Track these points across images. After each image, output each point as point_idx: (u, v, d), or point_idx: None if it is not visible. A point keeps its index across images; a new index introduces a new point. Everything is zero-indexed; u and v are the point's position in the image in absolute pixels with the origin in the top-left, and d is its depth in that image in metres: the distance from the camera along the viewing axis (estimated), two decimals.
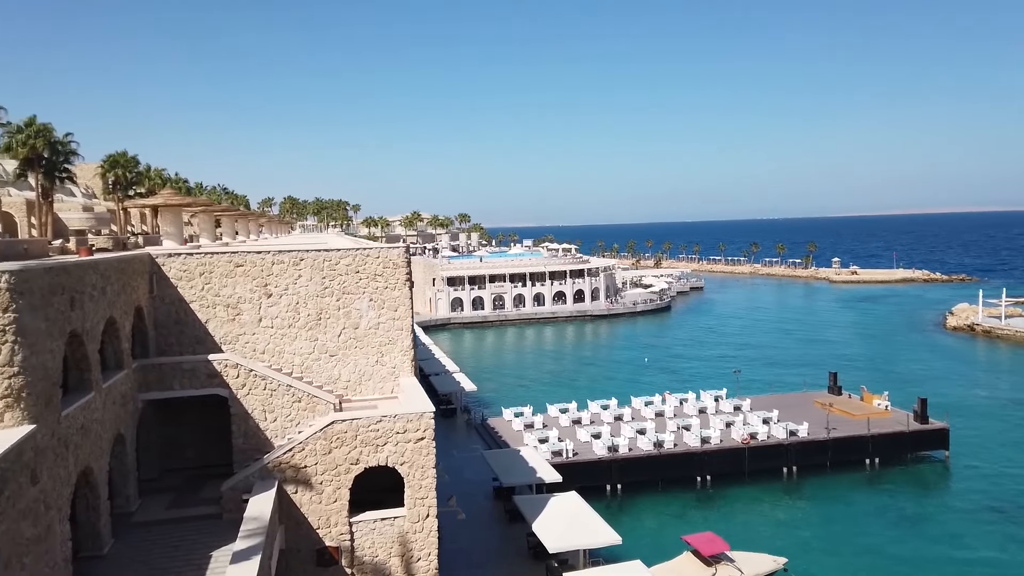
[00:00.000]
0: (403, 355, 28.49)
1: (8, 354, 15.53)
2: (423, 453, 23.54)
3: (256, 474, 22.82)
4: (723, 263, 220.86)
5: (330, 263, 27.88)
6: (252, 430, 25.03)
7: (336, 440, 23.10)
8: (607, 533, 32.01)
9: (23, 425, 15.76)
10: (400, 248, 28.51)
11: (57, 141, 54.71)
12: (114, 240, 62.00)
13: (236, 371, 24.84)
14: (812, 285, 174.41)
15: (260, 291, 27.38)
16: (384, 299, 28.30)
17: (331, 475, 23.16)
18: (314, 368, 27.88)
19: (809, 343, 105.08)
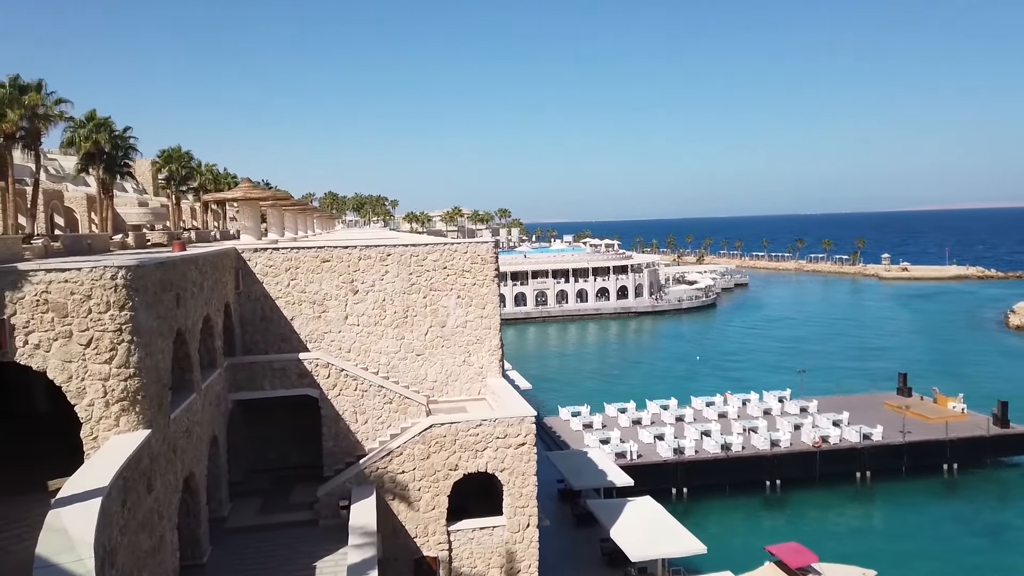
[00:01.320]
0: (491, 355, 27.35)
1: (124, 354, 14.66)
2: (524, 459, 22.38)
3: (353, 479, 21.85)
4: (766, 259, 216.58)
5: (417, 259, 26.82)
6: (342, 432, 24.09)
7: (435, 445, 22.02)
8: (691, 542, 30.62)
9: (138, 430, 14.89)
10: (489, 243, 27.36)
11: (117, 136, 54.68)
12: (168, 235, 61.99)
13: (327, 371, 23.91)
14: (860, 282, 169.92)
15: (346, 287, 26.43)
16: (472, 296, 27.17)
17: (429, 481, 22.11)
18: (400, 367, 26.88)
19: (865, 342, 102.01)
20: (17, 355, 14.07)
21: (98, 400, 14.56)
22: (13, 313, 14.00)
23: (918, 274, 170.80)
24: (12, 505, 14.46)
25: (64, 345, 14.31)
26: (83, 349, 14.42)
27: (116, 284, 14.51)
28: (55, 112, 45.15)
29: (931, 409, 57.35)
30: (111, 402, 14.62)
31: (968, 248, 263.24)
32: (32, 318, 14.11)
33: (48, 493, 15.16)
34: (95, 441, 14.60)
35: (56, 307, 14.16)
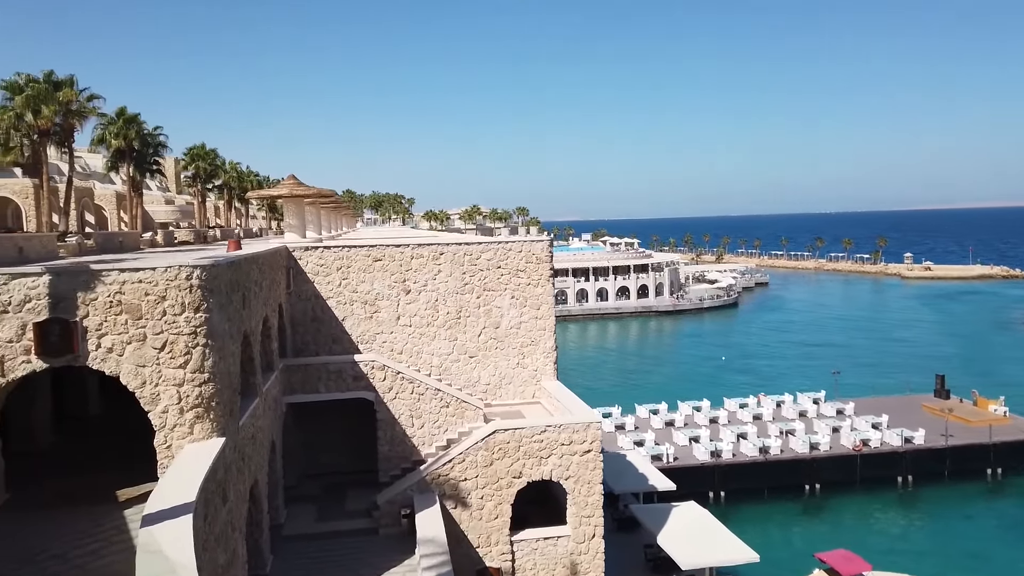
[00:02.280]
0: (546, 357, 26.52)
1: (199, 359, 13.91)
2: (590, 467, 21.54)
3: (414, 487, 21.07)
4: (785, 258, 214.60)
5: (470, 258, 26.02)
6: (398, 437, 23.33)
7: (498, 451, 21.22)
8: (743, 549, 29.72)
9: (212, 438, 14.15)
10: (544, 241, 26.52)
11: (147, 133, 54.22)
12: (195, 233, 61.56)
13: (383, 373, 23.15)
14: (882, 282, 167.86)
15: (399, 287, 25.67)
16: (526, 296, 26.35)
17: (492, 489, 21.30)
18: (452, 370, 26.09)
19: (894, 343, 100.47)
20: (90, 359, 13.36)
21: (172, 407, 13.82)
22: (85, 315, 13.29)
23: (941, 273, 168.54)
24: (81, 517, 13.75)
25: (138, 349, 13.59)
26: (157, 353, 13.70)
27: (191, 285, 13.77)
28: (88, 108, 44.72)
29: (972, 412, 56.10)
30: (185, 409, 13.88)
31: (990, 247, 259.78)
32: (105, 320, 13.39)
33: (118, 504, 14.48)
34: (169, 450, 13.87)
35: (130, 309, 13.44)
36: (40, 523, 13.53)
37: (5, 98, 39.48)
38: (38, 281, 13.01)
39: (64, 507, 14.24)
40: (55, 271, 13.11)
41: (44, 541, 12.75)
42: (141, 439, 19.36)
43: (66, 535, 12.93)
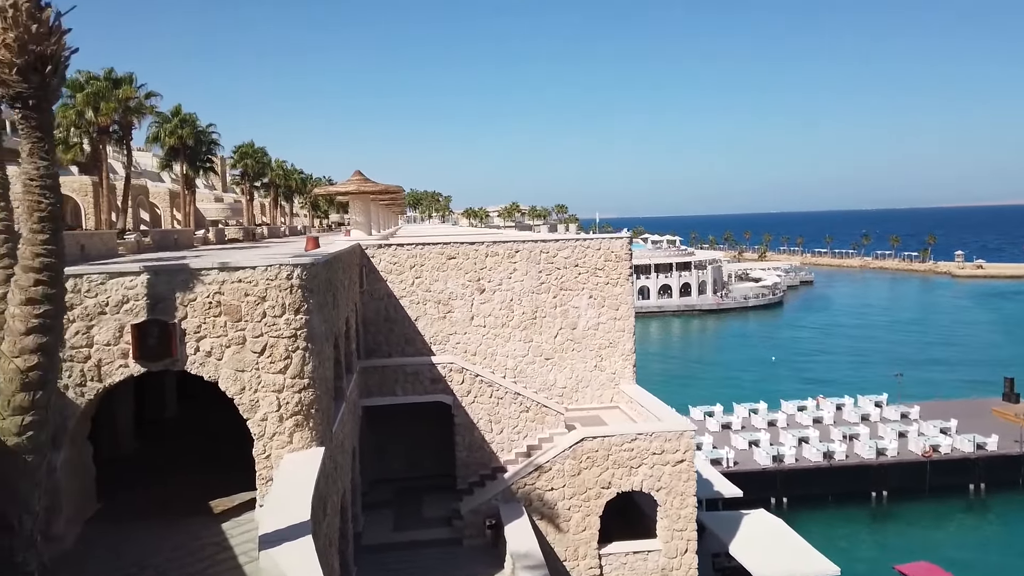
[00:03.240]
0: (624, 359, 25.41)
1: (299, 363, 13.10)
2: (682, 478, 20.39)
3: (499, 496, 20.13)
4: (829, 255, 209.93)
5: (547, 255, 25.00)
6: (477, 442, 22.41)
7: (586, 460, 20.18)
8: (822, 561, 28.22)
9: (311, 447, 13.32)
10: (623, 239, 25.40)
11: (200, 130, 54.19)
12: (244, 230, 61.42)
13: (461, 376, 22.25)
14: (932, 280, 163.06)
15: (472, 286, 24.77)
16: (604, 296, 25.25)
17: (580, 500, 20.27)
18: (527, 372, 25.13)
19: (952, 344, 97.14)
20: (188, 363, 12.63)
21: (271, 414, 13.03)
22: (184, 317, 12.55)
23: (994, 272, 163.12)
24: (179, 529, 13.03)
25: (237, 353, 12.82)
26: (256, 357, 12.91)
27: (292, 285, 12.96)
28: (146, 106, 44.70)
29: None
30: (285, 416, 13.08)
31: None
32: (204, 322, 12.64)
33: (213, 515, 13.75)
34: (268, 460, 13.08)
35: (229, 310, 12.67)
36: (135, 534, 12.85)
37: (67, 95, 39.55)
38: (136, 281, 12.31)
39: (158, 518, 13.56)
40: (153, 270, 12.40)
41: (143, 554, 12.05)
42: (222, 443, 18.74)
43: (165, 549, 12.21)
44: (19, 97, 7.86)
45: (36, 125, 8.00)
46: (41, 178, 8.08)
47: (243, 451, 15.91)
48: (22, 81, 7.81)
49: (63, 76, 8.30)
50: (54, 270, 8.02)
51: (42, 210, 8.00)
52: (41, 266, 7.87)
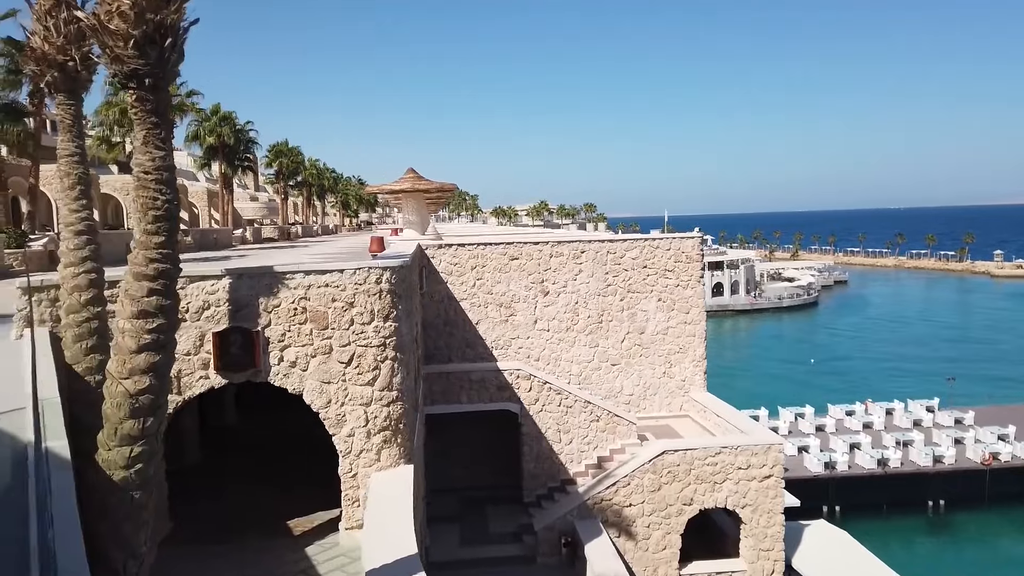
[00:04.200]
0: (695, 366, 24.15)
1: (387, 374, 12.06)
2: (770, 495, 19.13)
3: (575, 512, 19.00)
4: (862, 255, 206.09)
5: (614, 256, 23.82)
6: (545, 453, 21.30)
7: (667, 475, 18.97)
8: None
9: (400, 465, 12.30)
10: (695, 239, 24.13)
11: (239, 129, 53.68)
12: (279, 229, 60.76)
13: (529, 383, 21.15)
14: (969, 280, 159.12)
15: (536, 288, 23.66)
16: (674, 299, 24.01)
17: (660, 517, 19.07)
18: (593, 378, 23.96)
19: (998, 346, 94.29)
20: (271, 375, 11.65)
21: (359, 429, 12.02)
22: (267, 324, 11.57)
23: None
24: (258, 555, 12.05)
25: (323, 363, 11.81)
26: (343, 368, 11.90)
27: (381, 290, 11.93)
28: (188, 104, 44.17)
29: None
30: (372, 432, 12.06)
31: None
32: (288, 330, 11.65)
33: (292, 537, 12.79)
34: (354, 479, 12.07)
35: (315, 317, 11.67)
36: (213, 560, 11.90)
37: (109, 93, 39.06)
38: (217, 285, 11.34)
39: (235, 541, 12.61)
40: (236, 273, 11.42)
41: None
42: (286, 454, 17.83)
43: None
44: (134, 75, 6.80)
45: (152, 108, 6.94)
46: (157, 171, 7.02)
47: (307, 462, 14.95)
48: (138, 56, 6.75)
49: (182, 51, 7.14)
50: (169, 278, 7.01)
51: (158, 208, 6.96)
52: (156, 273, 6.85)
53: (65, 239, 9.09)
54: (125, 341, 6.70)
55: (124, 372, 6.55)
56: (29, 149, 31.01)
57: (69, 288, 8.80)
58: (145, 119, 7.02)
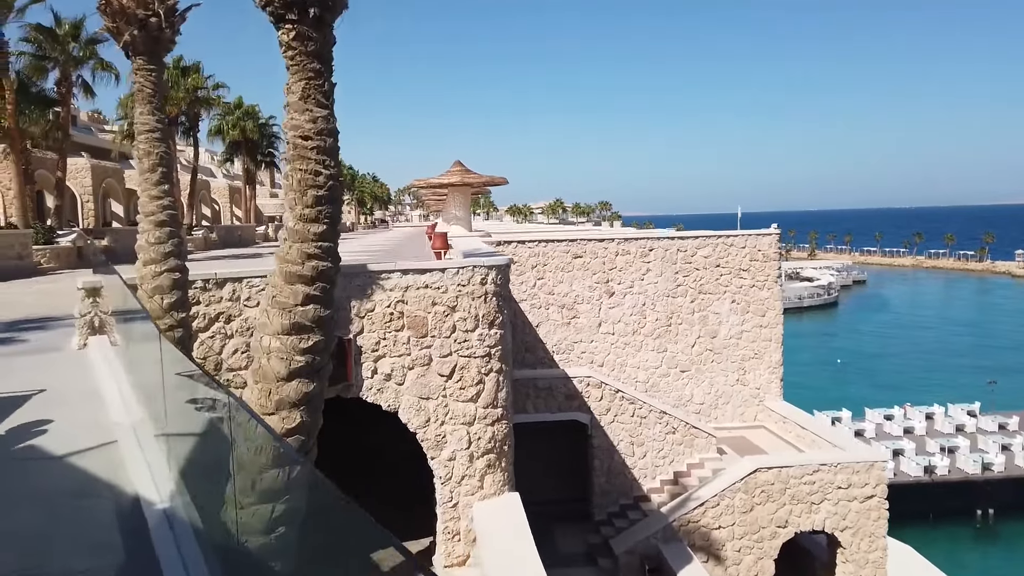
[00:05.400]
0: (771, 373, 22.49)
1: (492, 389, 10.48)
2: (872, 517, 17.48)
3: (659, 534, 17.38)
4: (879, 254, 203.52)
5: (684, 254, 22.17)
6: (617, 467, 19.68)
7: (759, 494, 17.33)
8: None
9: (504, 492, 10.70)
10: (772, 235, 22.45)
11: (262, 124, 52.29)
12: None
13: (599, 392, 19.53)
14: (990, 280, 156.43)
15: (601, 288, 22.04)
16: (749, 300, 22.35)
17: (752, 540, 17.43)
18: (661, 386, 22.33)
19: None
20: (364, 389, 10.07)
21: (460, 452, 10.43)
22: (360, 331, 9.99)
23: None
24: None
25: (422, 376, 10.24)
26: (444, 381, 10.33)
27: (486, 292, 10.34)
28: (214, 96, 42.69)
29: None
30: (476, 455, 10.48)
31: None
32: (383, 338, 10.07)
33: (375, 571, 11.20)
34: (455, 510, 10.48)
35: (414, 323, 10.09)
36: None
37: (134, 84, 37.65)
38: None
39: None
40: None
41: None
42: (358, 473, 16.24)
43: None
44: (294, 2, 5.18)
45: (315, 50, 5.24)
46: (320, 135, 5.36)
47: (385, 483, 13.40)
48: None
49: None
50: (329, 280, 5.40)
51: (319, 186, 5.29)
52: (314, 274, 5.24)
53: (144, 231, 7.54)
54: (271, 364, 5.10)
55: (269, 405, 4.98)
56: (57, 141, 29.56)
57: (149, 290, 7.27)
58: (305, 65, 5.34)
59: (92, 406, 6.23)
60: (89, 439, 5.55)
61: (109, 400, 6.29)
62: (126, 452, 5.31)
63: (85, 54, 28.77)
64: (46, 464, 5.20)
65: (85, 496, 4.82)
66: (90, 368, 7.50)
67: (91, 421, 5.84)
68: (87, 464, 5.20)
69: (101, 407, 6.17)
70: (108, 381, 6.83)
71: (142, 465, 5.18)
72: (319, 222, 5.42)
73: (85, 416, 6.03)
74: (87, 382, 7.11)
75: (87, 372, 7.38)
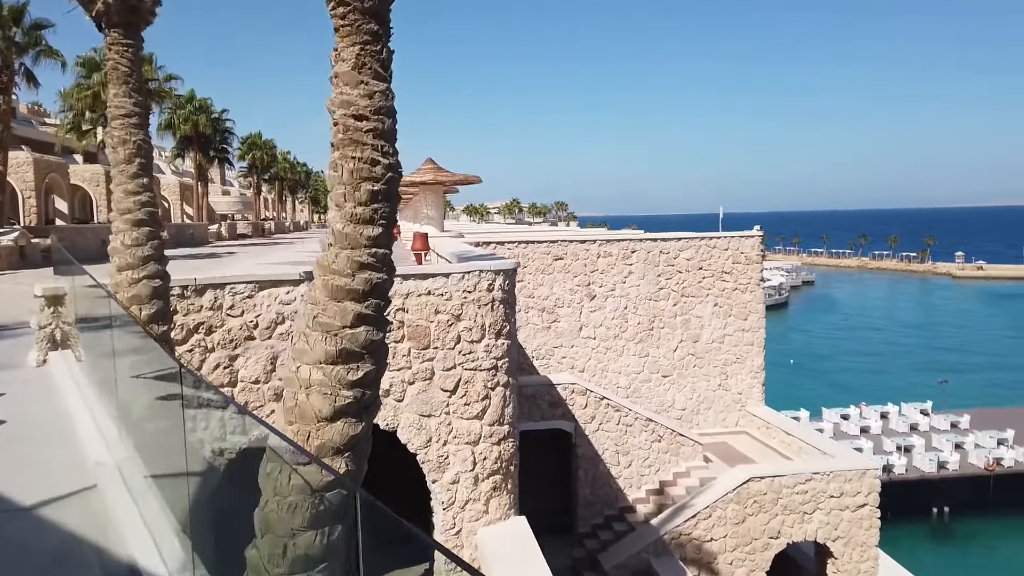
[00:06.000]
0: (753, 378, 22.16)
1: (499, 404, 9.66)
2: (864, 526, 17.18)
3: (650, 548, 16.75)
4: (826, 256, 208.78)
5: (667, 256, 21.66)
6: (602, 477, 19.01)
7: (752, 505, 16.86)
8: None
9: (510, 518, 9.89)
10: (755, 237, 22.11)
11: (215, 118, 50.38)
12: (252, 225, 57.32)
13: (584, 399, 18.82)
14: (932, 281, 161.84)
15: (582, 292, 21.37)
16: (731, 304, 21.97)
17: (744, 552, 16.95)
18: (642, 391, 21.78)
19: (973, 348, 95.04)
20: None
21: (464, 474, 9.57)
22: None
23: (995, 273, 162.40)
24: None
25: (423, 391, 9.34)
26: (447, 397, 9.45)
27: (493, 299, 9.50)
28: (165, 89, 40.72)
29: None
30: (481, 477, 9.63)
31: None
32: None
33: None
34: (458, 537, 9.62)
35: (415, 333, 9.20)
36: None
37: (80, 76, 35.56)
38: (294, 292, 8.77)
39: None
40: None
41: None
42: None
43: None
44: None
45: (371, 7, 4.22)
46: (377, 114, 4.30)
47: None
48: None
49: None
50: (382, 296, 4.42)
51: (376, 178, 4.22)
52: (367, 288, 4.24)
53: (119, 231, 6.48)
54: (312, 401, 4.10)
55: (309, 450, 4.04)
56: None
57: (126, 299, 6.23)
58: (359, 26, 4.22)
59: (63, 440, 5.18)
60: (65, 483, 4.54)
61: (83, 432, 5.24)
62: (112, 500, 4.33)
63: (29, 41, 26.90)
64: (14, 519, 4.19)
65: (65, 562, 3.84)
66: (55, 391, 6.39)
67: (65, 460, 4.80)
68: (66, 518, 4.20)
69: (74, 441, 5.13)
70: (79, 407, 5.76)
71: (134, 517, 4.21)
72: (374, 223, 4.41)
73: (56, 454, 4.97)
74: (53, 408, 6.01)
75: (52, 396, 6.27)
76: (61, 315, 7.37)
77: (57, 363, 7.09)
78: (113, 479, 4.52)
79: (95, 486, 4.60)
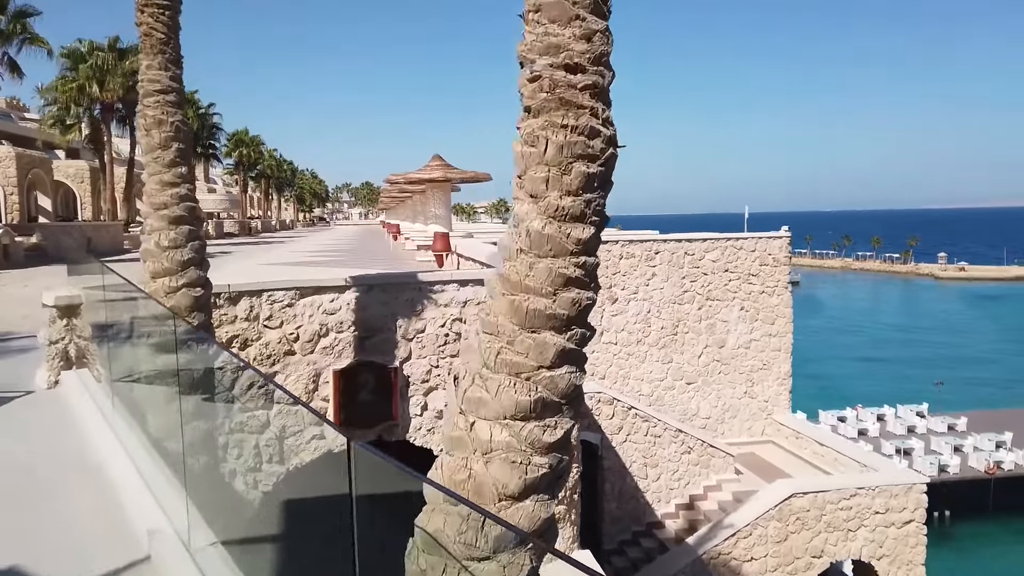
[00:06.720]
0: (780, 385, 21.31)
1: None
2: (910, 543, 16.34)
3: (687, 569, 15.77)
4: (809, 256, 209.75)
5: (692, 258, 20.72)
6: (629, 491, 18.01)
7: (794, 522, 15.93)
8: None
9: (574, 551, 8.85)
10: (783, 238, 21.24)
11: (203, 112, 48.87)
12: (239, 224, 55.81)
13: (611, 409, 17.83)
14: (915, 282, 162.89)
15: (604, 295, 20.33)
16: (758, 308, 21.09)
17: (785, 573, 16.01)
18: (666, 399, 20.83)
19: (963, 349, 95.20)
20: (411, 429, 8.02)
21: None
22: (407, 357, 7.93)
23: (977, 274, 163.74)
24: None
25: None
26: None
27: None
28: None
29: None
30: None
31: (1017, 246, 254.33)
32: (436, 366, 8.05)
33: None
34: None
35: (468, 347, 8.11)
36: None
37: (65, 68, 33.99)
38: (339, 300, 7.64)
39: None
40: (363, 283, 7.73)
41: None
42: None
43: None
44: None
45: None
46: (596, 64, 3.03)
47: None
48: None
49: None
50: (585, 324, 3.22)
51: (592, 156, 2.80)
52: (573, 314, 3.00)
53: (153, 230, 5.35)
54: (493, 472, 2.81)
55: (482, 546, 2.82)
56: None
57: None
58: None
59: (97, 495, 4.02)
60: (107, 560, 3.42)
61: (121, 483, 4.10)
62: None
63: (13, 29, 25.42)
64: None
65: None
66: (75, 421, 5.19)
67: (106, 526, 3.68)
68: None
69: (113, 497, 3.99)
70: (109, 442, 4.62)
71: None
72: (585, 221, 3.20)
73: (89, 509, 3.83)
74: (75, 444, 4.82)
75: (71, 427, 5.08)
76: (76, 328, 6.21)
77: (72, 385, 5.90)
78: (174, 552, 3.44)
79: (148, 558, 3.50)
